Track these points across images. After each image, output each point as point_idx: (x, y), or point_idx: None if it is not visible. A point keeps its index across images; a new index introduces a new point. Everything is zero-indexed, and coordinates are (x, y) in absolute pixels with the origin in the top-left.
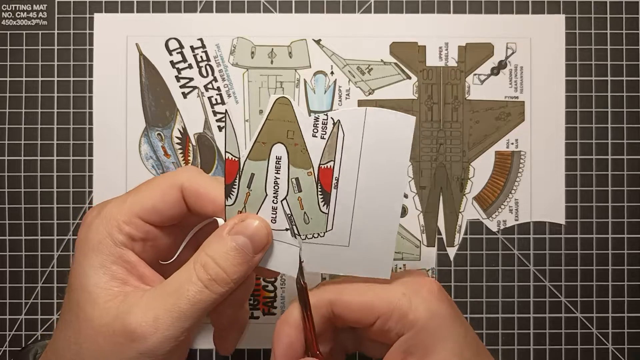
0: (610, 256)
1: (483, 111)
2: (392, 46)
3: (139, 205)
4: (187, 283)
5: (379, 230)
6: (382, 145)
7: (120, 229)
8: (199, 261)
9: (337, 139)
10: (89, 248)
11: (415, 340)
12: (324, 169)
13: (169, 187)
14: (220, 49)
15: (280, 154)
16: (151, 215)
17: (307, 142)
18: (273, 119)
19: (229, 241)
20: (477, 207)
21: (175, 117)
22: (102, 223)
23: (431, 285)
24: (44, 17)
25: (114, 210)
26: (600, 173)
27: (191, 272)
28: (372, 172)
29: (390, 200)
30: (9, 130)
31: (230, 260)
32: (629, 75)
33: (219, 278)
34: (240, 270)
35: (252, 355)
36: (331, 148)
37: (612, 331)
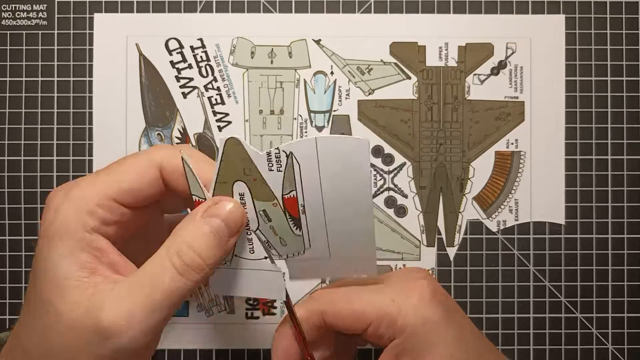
0: (610, 256)
1: (483, 111)
2: (392, 46)
3: (115, 186)
4: (161, 272)
5: (356, 236)
6: (340, 170)
7: (93, 212)
8: (172, 247)
9: (294, 170)
10: (56, 234)
11: (405, 345)
12: (288, 199)
13: (146, 166)
14: (220, 49)
15: (242, 190)
16: (127, 196)
17: (265, 176)
18: (227, 159)
19: (203, 224)
20: (477, 207)
21: (175, 117)
22: (71, 206)
23: (422, 289)
24: (44, 17)
25: (86, 191)
26: (600, 173)
27: (164, 259)
28: (336, 194)
29: (361, 212)
30: (9, 130)
31: (205, 244)
32: (629, 75)
33: (194, 264)
34: (215, 254)
35: (252, 355)
36: (290, 179)
37: (612, 331)
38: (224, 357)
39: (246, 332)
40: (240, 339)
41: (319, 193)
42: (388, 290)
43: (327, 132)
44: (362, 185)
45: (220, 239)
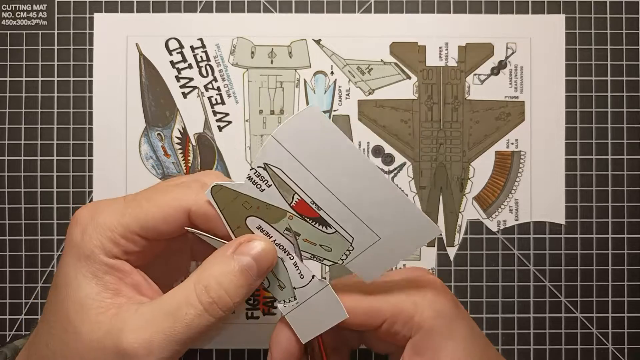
0: (610, 256)
1: (483, 111)
2: (392, 46)
3: (139, 222)
4: (186, 305)
5: (384, 202)
6: (314, 147)
7: (116, 242)
8: (200, 282)
9: (280, 177)
10: (81, 255)
11: (423, 342)
12: (297, 205)
13: (174, 210)
14: (220, 49)
15: (257, 223)
16: (150, 233)
17: (262, 198)
18: (223, 207)
19: (233, 262)
20: (477, 207)
21: (175, 117)
22: (95, 231)
23: (435, 284)
24: (44, 17)
25: (111, 220)
26: (600, 173)
27: (191, 293)
28: (330, 171)
29: (367, 174)
30: (9, 130)
31: (234, 282)
32: (629, 75)
33: (221, 301)
34: (242, 293)
35: (252, 355)
36: (283, 187)
37: (612, 331)
38: (224, 357)
39: (246, 332)
40: (240, 339)
41: (315, 181)
42: (401, 287)
43: None
44: (341, 145)
45: (248, 278)
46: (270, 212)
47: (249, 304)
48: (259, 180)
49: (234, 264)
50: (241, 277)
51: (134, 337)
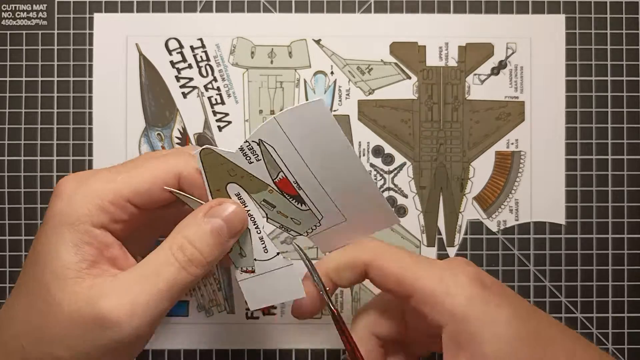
0: (610, 256)
1: (483, 111)
2: (392, 46)
3: (131, 187)
4: (165, 265)
5: (358, 191)
6: (311, 135)
7: (105, 209)
8: (175, 243)
9: (271, 154)
10: (64, 223)
11: (461, 331)
12: (280, 182)
13: (165, 173)
14: (220, 48)
15: (236, 190)
16: (142, 199)
17: (249, 170)
18: (209, 169)
19: (204, 223)
20: (477, 207)
21: (175, 117)
22: (84, 199)
23: (468, 270)
24: (44, 17)
25: (100, 187)
26: (600, 173)
27: (167, 253)
28: (319, 159)
29: (350, 166)
30: (9, 130)
31: (205, 242)
32: (629, 75)
33: (195, 259)
34: (214, 252)
35: (252, 355)
36: (272, 163)
37: (612, 331)
38: (224, 357)
39: (246, 332)
40: (240, 339)
41: (303, 165)
42: (437, 267)
43: None
44: (337, 140)
45: (220, 238)
46: (252, 183)
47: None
48: (250, 153)
49: (205, 225)
50: (213, 238)
51: (115, 302)
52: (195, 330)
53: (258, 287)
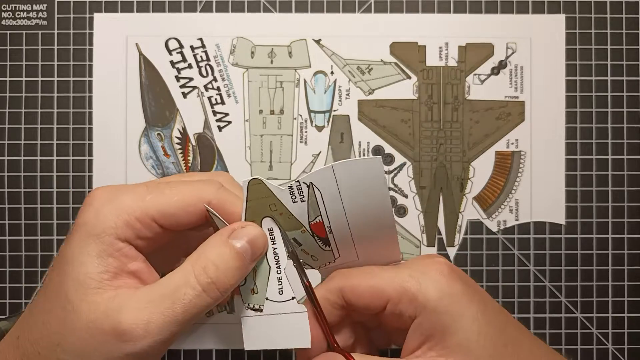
0: (610, 256)
1: (483, 111)
2: (392, 46)
3: (159, 208)
4: (185, 286)
5: (380, 237)
6: (359, 189)
7: (132, 225)
8: (198, 264)
9: (317, 198)
10: (91, 234)
11: (429, 322)
12: (315, 224)
13: (195, 200)
14: (220, 48)
15: (270, 225)
16: (168, 221)
17: (290, 208)
18: (252, 199)
19: (229, 245)
20: (477, 207)
21: (175, 117)
22: (112, 212)
23: (440, 265)
24: (44, 17)
25: (129, 203)
26: (600, 173)
27: (189, 274)
28: (358, 210)
29: (382, 220)
30: (9, 130)
31: (230, 264)
32: (629, 75)
33: (219, 282)
34: (237, 275)
35: (252, 356)
36: (314, 206)
37: (612, 331)
38: (224, 357)
39: None
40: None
41: (342, 214)
42: (406, 267)
43: (327, 131)
44: (381, 199)
45: (243, 261)
46: (290, 221)
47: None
48: (297, 193)
49: (230, 247)
50: (237, 260)
51: (132, 317)
52: (195, 330)
53: (261, 327)
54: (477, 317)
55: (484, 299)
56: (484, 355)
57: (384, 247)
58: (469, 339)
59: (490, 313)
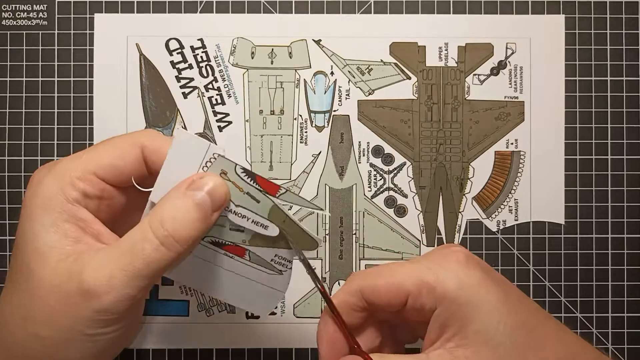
0: (610, 256)
1: (483, 111)
2: (392, 46)
3: (96, 161)
4: (142, 241)
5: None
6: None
7: (74, 184)
8: (155, 217)
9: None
10: (39, 206)
11: (448, 312)
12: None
13: (129, 145)
14: (221, 49)
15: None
16: (108, 172)
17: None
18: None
19: (187, 197)
20: (476, 207)
21: (176, 117)
22: (53, 179)
23: (457, 254)
24: (44, 17)
25: (67, 165)
26: (600, 173)
27: (146, 228)
28: None
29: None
30: (9, 130)
31: (188, 216)
32: (628, 75)
33: (177, 234)
34: (198, 227)
35: (252, 355)
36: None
37: (612, 331)
38: (224, 357)
39: (246, 332)
40: (240, 339)
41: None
42: (424, 260)
43: (327, 131)
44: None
45: (203, 212)
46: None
47: None
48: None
49: (188, 198)
50: (196, 211)
51: (94, 275)
52: (195, 330)
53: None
54: (497, 306)
55: (505, 286)
56: (506, 342)
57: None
58: (488, 327)
59: (511, 300)
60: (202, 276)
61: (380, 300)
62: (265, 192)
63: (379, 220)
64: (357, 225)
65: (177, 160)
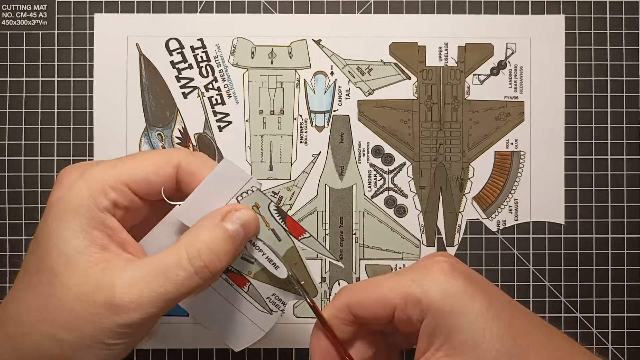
0: (609, 256)
1: (483, 111)
2: (392, 46)
3: (130, 173)
4: (177, 268)
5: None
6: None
7: (106, 193)
8: (192, 246)
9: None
10: (68, 210)
11: (435, 323)
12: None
13: (164, 163)
14: (221, 49)
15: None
16: (141, 186)
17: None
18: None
19: (223, 228)
20: (476, 207)
21: (176, 117)
22: (85, 185)
23: (441, 264)
24: (44, 17)
25: (101, 173)
26: (599, 173)
27: (182, 256)
28: None
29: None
30: (9, 130)
31: (223, 248)
32: (628, 75)
33: (212, 265)
34: (229, 257)
35: (252, 355)
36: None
37: (612, 331)
38: (224, 356)
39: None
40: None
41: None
42: (407, 272)
43: (327, 131)
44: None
45: (236, 245)
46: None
47: None
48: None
49: (223, 230)
50: (230, 243)
51: (125, 291)
52: (195, 330)
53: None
54: (482, 313)
55: (488, 292)
56: (491, 350)
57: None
58: (474, 336)
59: (495, 307)
60: (199, 299)
61: (368, 314)
62: (289, 232)
63: (379, 221)
64: (357, 226)
65: (213, 185)
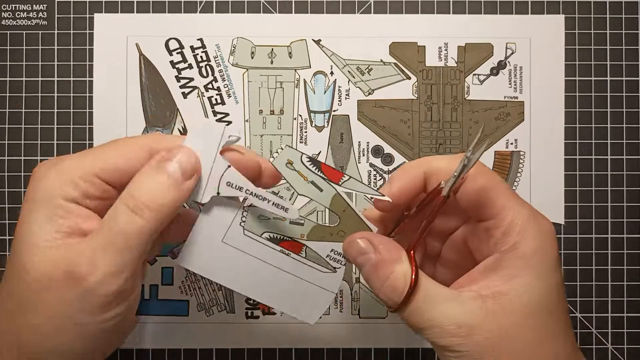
0: (609, 256)
1: (482, 111)
2: (391, 46)
3: (101, 163)
4: (116, 215)
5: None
6: None
7: (75, 184)
8: (127, 191)
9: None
10: (36, 201)
11: (509, 263)
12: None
13: (134, 147)
14: (220, 49)
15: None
16: (112, 175)
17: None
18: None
19: (156, 169)
20: None
21: (176, 117)
22: (55, 177)
23: (551, 228)
24: (44, 17)
25: (71, 165)
26: (599, 173)
27: (118, 203)
28: None
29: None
30: (9, 130)
31: (160, 185)
32: (628, 75)
33: (148, 201)
34: (169, 195)
35: (252, 355)
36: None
37: (612, 331)
38: (224, 357)
39: (246, 332)
40: (240, 339)
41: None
42: (529, 208)
43: (327, 131)
44: None
45: (174, 180)
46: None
47: (249, 303)
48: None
49: (158, 170)
50: (166, 180)
51: (76, 258)
52: (195, 330)
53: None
54: (558, 290)
55: (558, 280)
56: (539, 320)
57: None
58: (540, 300)
59: (558, 295)
60: (249, 276)
61: (473, 200)
62: (328, 180)
63: None
64: None
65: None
